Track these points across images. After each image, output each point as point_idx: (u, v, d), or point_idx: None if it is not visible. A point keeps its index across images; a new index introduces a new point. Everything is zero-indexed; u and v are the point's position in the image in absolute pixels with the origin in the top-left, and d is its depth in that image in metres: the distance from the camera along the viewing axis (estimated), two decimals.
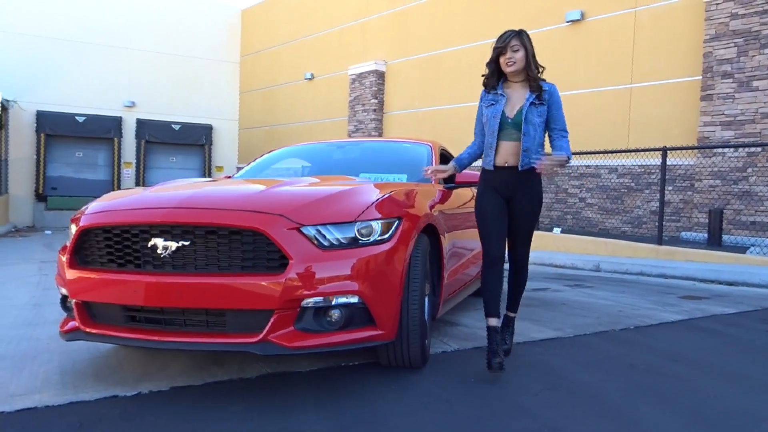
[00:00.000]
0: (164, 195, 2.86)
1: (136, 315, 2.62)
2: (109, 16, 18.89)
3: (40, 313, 4.51)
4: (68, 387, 2.69)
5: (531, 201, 3.14)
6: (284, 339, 2.46)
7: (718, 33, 8.98)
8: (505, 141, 3.08)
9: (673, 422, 2.40)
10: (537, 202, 3.18)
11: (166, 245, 2.53)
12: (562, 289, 6.04)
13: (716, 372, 3.14)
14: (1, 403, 2.47)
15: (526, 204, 3.13)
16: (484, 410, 2.51)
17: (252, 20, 20.64)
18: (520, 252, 3.25)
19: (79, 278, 2.69)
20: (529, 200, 3.13)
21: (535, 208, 3.18)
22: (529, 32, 3.19)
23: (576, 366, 3.20)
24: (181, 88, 20.01)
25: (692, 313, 4.75)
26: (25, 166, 18.05)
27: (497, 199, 3.12)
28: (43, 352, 3.31)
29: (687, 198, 9.40)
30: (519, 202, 3.12)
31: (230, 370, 2.97)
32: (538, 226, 3.14)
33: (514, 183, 3.09)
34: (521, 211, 3.13)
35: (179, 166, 20.69)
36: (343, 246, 2.59)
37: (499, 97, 3.12)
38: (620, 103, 10.38)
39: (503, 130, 3.08)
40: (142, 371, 2.94)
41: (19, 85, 17.58)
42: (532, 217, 3.19)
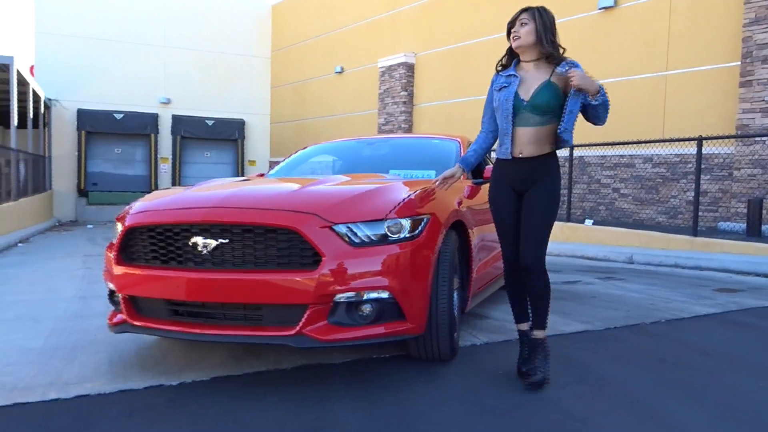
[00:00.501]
0: (203, 195, 3.00)
1: (179, 309, 2.77)
2: (145, 15, 19.36)
3: (87, 306, 4.74)
4: (117, 376, 2.86)
5: (544, 197, 2.82)
6: (318, 332, 2.57)
7: (758, 17, 8.73)
8: (520, 127, 2.80)
9: (702, 417, 2.43)
10: (551, 199, 2.84)
11: (206, 243, 2.66)
12: (593, 282, 6.02)
13: (748, 367, 3.13)
14: (58, 391, 2.66)
15: (538, 200, 2.81)
16: (511, 402, 2.58)
17: (282, 15, 20.85)
18: (530, 255, 2.82)
19: (126, 274, 2.85)
20: (542, 196, 2.81)
21: (548, 206, 2.83)
22: (560, 20, 3.05)
23: (604, 359, 3.24)
24: (214, 84, 20.40)
25: (726, 306, 4.70)
26: (67, 163, 18.72)
27: (511, 196, 2.88)
28: (92, 343, 3.51)
29: (725, 187, 9.19)
30: (532, 198, 2.82)
31: (267, 361, 3.11)
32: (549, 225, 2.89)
33: (529, 176, 2.82)
34: (532, 209, 2.82)
35: (213, 161, 21.13)
36: (373, 243, 2.69)
37: (512, 78, 2.85)
38: (655, 91, 10.18)
39: (518, 114, 2.81)
40: (184, 362, 3.10)
41: (61, 84, 18.21)
42: (544, 216, 2.83)
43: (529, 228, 2.83)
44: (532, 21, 2.79)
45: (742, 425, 2.36)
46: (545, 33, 2.79)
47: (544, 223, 2.83)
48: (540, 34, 2.78)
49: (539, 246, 2.83)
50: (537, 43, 2.80)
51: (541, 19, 2.80)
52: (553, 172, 2.86)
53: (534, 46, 2.81)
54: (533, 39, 2.79)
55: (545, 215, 2.83)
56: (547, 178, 2.83)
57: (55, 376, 2.86)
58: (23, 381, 2.79)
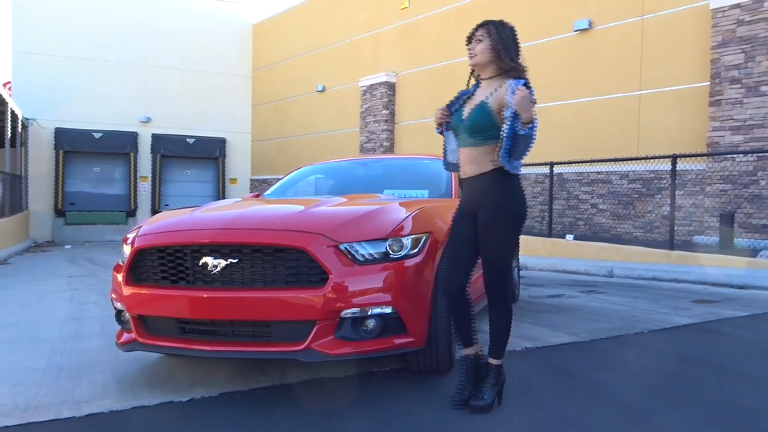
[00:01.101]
0: (212, 216, 3.11)
1: (189, 327, 2.87)
2: (125, 34, 19.36)
3: (82, 327, 4.77)
4: (127, 394, 2.94)
5: (494, 216, 2.63)
6: (326, 347, 2.69)
7: (725, 39, 9.15)
8: (462, 147, 2.73)
9: (685, 419, 2.60)
10: (503, 216, 2.63)
11: (215, 263, 2.77)
12: (576, 295, 6.22)
13: (726, 373, 3.33)
14: (71, 409, 2.73)
15: (490, 227, 2.64)
16: (508, 410, 2.72)
17: (264, 34, 21.04)
18: (487, 281, 2.69)
19: (135, 294, 2.94)
20: (493, 221, 2.63)
21: (500, 225, 2.62)
22: (538, 41, 3.07)
23: (593, 369, 3.40)
24: (195, 103, 20.43)
25: (704, 316, 4.92)
26: (45, 183, 18.50)
27: (463, 218, 2.75)
28: (95, 362, 3.56)
29: (698, 202, 9.54)
30: (483, 223, 2.66)
31: (272, 376, 3.21)
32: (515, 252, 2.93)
33: (476, 196, 2.68)
34: (487, 236, 2.65)
35: (194, 179, 21.08)
36: (376, 261, 2.82)
37: (465, 96, 2.78)
38: (630, 109, 10.55)
39: (459, 134, 2.75)
40: (192, 379, 3.19)
41: (38, 103, 18.06)
42: (498, 244, 2.63)
43: (485, 258, 2.69)
44: (488, 37, 2.68)
45: (721, 426, 2.54)
46: (504, 49, 2.66)
47: (501, 251, 2.66)
48: (497, 51, 2.66)
49: (499, 276, 2.68)
50: (495, 60, 2.69)
51: (498, 35, 2.68)
52: (500, 190, 2.65)
53: (492, 63, 2.70)
54: (489, 56, 2.68)
55: (500, 243, 2.65)
56: (494, 198, 2.64)
57: (66, 395, 2.92)
58: (35, 400, 2.85)
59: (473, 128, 2.68)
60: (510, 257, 2.73)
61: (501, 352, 2.75)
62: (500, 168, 2.63)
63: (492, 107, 2.65)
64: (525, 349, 3.81)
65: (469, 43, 2.75)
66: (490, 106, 2.65)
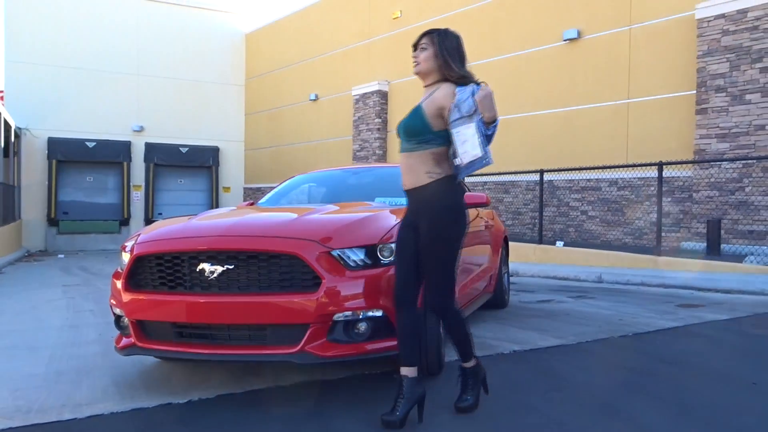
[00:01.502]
0: (208, 224, 3.22)
1: (186, 331, 2.96)
2: (118, 43, 19.44)
3: (78, 334, 4.84)
4: (126, 397, 3.02)
5: (431, 232, 2.59)
6: (319, 349, 2.79)
7: (710, 49, 9.35)
8: (400, 153, 2.72)
9: (662, 416, 2.72)
10: (441, 233, 2.57)
11: (212, 269, 2.88)
12: (565, 301, 6.35)
13: (705, 373, 3.46)
14: (72, 412, 2.81)
15: (428, 240, 2.60)
16: (496, 409, 2.83)
17: (256, 43, 21.19)
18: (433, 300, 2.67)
19: (134, 300, 3.04)
20: (430, 235, 2.59)
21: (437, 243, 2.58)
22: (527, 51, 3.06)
23: (578, 370, 3.52)
24: (188, 112, 20.50)
25: (687, 320, 5.06)
26: (38, 192, 18.49)
27: (406, 229, 2.71)
28: (94, 368, 3.64)
29: (686, 209, 9.71)
30: (422, 236, 2.63)
31: (267, 379, 3.30)
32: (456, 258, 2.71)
33: (415, 208, 2.68)
34: (426, 250, 2.62)
35: (187, 188, 21.13)
36: (367, 266, 2.93)
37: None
38: (618, 117, 10.74)
39: (401, 142, 2.73)
40: (188, 382, 3.28)
41: (31, 112, 18.09)
42: (433, 253, 2.60)
43: (427, 271, 2.65)
44: (432, 46, 2.69)
45: (697, 422, 2.66)
46: (448, 57, 2.66)
47: (440, 268, 2.62)
48: (441, 59, 2.66)
49: (441, 289, 2.64)
50: (438, 69, 2.69)
51: (442, 43, 2.68)
52: (438, 204, 2.60)
53: (435, 71, 2.70)
54: (432, 65, 2.69)
55: (439, 260, 2.61)
56: (432, 214, 2.60)
57: (66, 399, 3.01)
58: (36, 404, 2.94)
59: (406, 131, 2.69)
60: (450, 271, 2.65)
61: (469, 355, 2.77)
62: (437, 181, 2.60)
63: (426, 111, 2.65)
64: (513, 351, 3.92)
65: (414, 51, 2.76)
66: (423, 109, 2.66)
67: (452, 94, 2.61)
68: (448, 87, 2.66)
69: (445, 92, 2.64)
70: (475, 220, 4.76)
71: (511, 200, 12.40)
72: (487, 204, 4.48)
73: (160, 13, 20.07)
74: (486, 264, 5.03)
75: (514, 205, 12.33)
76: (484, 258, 5.00)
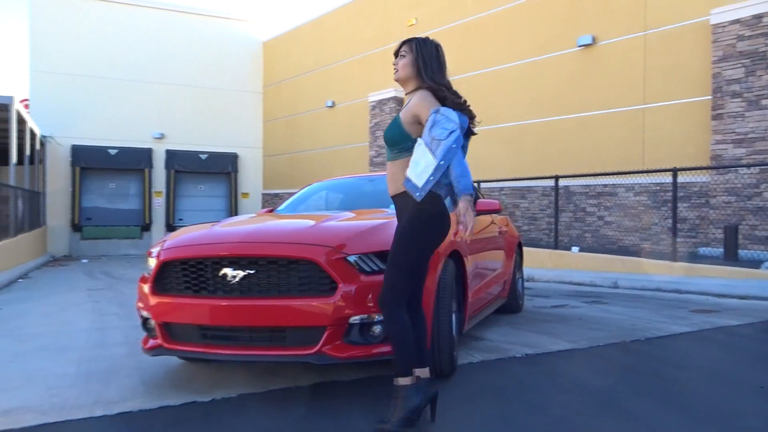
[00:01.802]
0: (230, 230, 3.37)
1: (209, 333, 3.11)
2: (139, 53, 19.87)
3: (105, 336, 5.03)
4: (153, 395, 3.18)
5: (396, 237, 2.69)
6: (336, 350, 2.92)
7: (725, 54, 9.34)
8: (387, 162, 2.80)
9: (670, 418, 2.80)
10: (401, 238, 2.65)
11: (234, 274, 3.02)
12: (579, 306, 6.40)
13: (716, 377, 3.52)
14: (104, 408, 2.97)
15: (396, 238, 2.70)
16: (506, 409, 2.93)
17: (273, 51, 21.51)
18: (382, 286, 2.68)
19: (160, 303, 3.20)
20: (396, 236, 2.70)
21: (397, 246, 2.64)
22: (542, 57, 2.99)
23: (588, 373, 3.60)
24: (208, 119, 20.85)
25: (701, 325, 5.09)
26: (62, 198, 18.93)
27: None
28: (121, 368, 3.81)
29: (703, 214, 9.68)
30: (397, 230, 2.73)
31: (285, 379, 3.44)
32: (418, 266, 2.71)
33: (398, 211, 2.76)
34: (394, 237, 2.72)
35: (207, 194, 21.46)
36: (381, 271, 3.05)
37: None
38: (634, 123, 10.75)
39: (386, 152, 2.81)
40: (211, 382, 3.43)
41: (56, 121, 18.55)
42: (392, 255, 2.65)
43: (387, 265, 2.70)
44: (410, 53, 2.75)
45: (703, 423, 2.73)
46: (424, 65, 2.71)
47: (392, 264, 2.65)
48: (418, 66, 2.72)
49: (389, 286, 2.64)
50: (415, 76, 2.74)
51: (419, 51, 2.74)
52: (413, 212, 2.63)
53: (413, 78, 2.76)
54: (409, 71, 2.74)
55: (393, 255, 2.66)
56: (407, 220, 2.66)
57: (97, 397, 3.17)
58: (69, 401, 3.11)
59: (387, 141, 2.77)
60: (405, 275, 2.63)
61: (401, 369, 2.60)
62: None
63: (402, 119, 2.71)
64: (525, 355, 4.01)
65: (395, 58, 2.83)
66: (400, 117, 2.72)
67: (430, 103, 2.63)
68: (422, 93, 2.70)
69: (419, 99, 2.68)
70: (489, 226, 4.87)
71: (527, 206, 12.44)
72: (499, 210, 4.60)
73: (180, 23, 20.48)
74: (500, 269, 5.12)
75: (530, 211, 12.37)
76: (498, 263, 5.10)
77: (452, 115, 2.59)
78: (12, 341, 4.86)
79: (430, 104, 2.64)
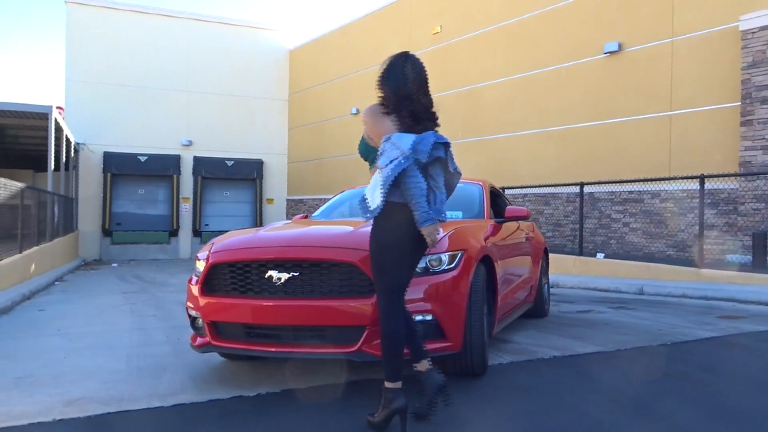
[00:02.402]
0: (275, 235, 3.58)
1: (255, 331, 3.31)
2: (170, 62, 20.40)
3: (148, 336, 5.28)
4: (202, 389, 3.39)
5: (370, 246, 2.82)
6: (375, 349, 3.09)
7: (755, 60, 9.32)
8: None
9: (695, 417, 2.91)
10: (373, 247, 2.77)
11: (279, 276, 3.22)
12: (605, 311, 6.48)
13: (740, 380, 3.60)
14: (159, 401, 3.20)
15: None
16: (535, 406, 3.07)
17: (299, 59, 21.87)
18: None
19: (209, 303, 3.41)
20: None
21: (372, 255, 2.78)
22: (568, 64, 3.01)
23: (616, 374, 3.71)
24: (234, 126, 21.27)
25: (727, 330, 5.15)
26: (93, 204, 19.47)
27: None
28: (169, 365, 4.04)
29: (731, 221, 9.63)
30: None
31: (325, 376, 3.63)
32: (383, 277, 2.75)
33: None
34: None
35: (232, 200, 21.85)
36: (418, 275, 3.22)
37: None
38: (661, 130, 10.75)
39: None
40: (255, 379, 3.63)
41: (88, 128, 19.12)
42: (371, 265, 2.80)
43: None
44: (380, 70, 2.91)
45: (728, 423, 2.84)
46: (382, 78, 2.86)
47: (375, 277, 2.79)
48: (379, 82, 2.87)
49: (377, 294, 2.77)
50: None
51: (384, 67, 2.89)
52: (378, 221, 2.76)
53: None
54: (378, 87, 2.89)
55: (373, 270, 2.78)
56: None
57: (151, 390, 3.39)
58: (126, 394, 3.33)
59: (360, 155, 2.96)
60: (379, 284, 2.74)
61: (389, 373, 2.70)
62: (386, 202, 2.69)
63: (365, 135, 2.88)
64: (553, 357, 4.14)
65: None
66: (363, 134, 2.89)
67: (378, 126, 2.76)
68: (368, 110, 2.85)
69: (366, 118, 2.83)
70: (515, 232, 5.00)
71: (552, 212, 12.49)
72: (527, 217, 4.74)
73: (209, 32, 20.97)
74: (527, 274, 5.25)
75: (555, 217, 12.42)
76: (525, 269, 5.22)
77: (402, 142, 2.67)
78: (62, 340, 5.13)
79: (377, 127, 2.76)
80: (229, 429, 2.80)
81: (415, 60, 2.89)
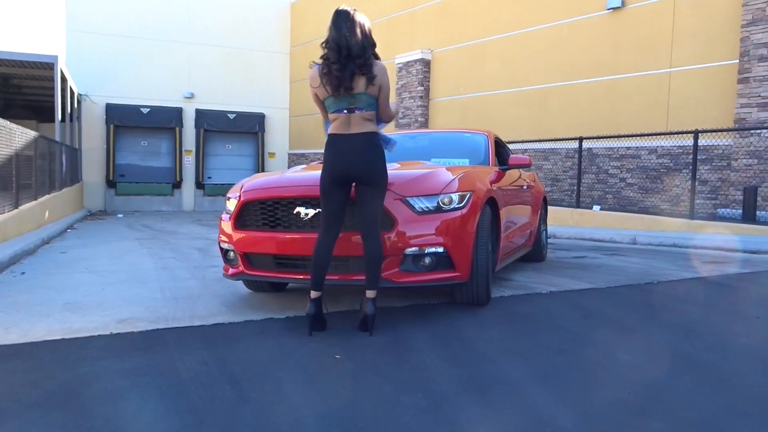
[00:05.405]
0: (301, 176, 3.92)
1: (283, 261, 3.68)
2: (171, 13, 20.24)
3: (173, 274, 5.67)
4: (237, 313, 3.80)
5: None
6: (393, 276, 3.48)
7: (755, 18, 9.48)
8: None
9: (672, 336, 3.34)
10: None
11: (306, 212, 3.58)
12: (599, 257, 6.90)
13: (715, 310, 4.03)
14: (200, 320, 3.61)
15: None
16: (534, 328, 3.48)
17: (301, 12, 21.70)
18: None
19: (242, 237, 3.78)
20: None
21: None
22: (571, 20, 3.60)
23: (605, 306, 4.13)
24: (236, 79, 21.26)
25: (710, 273, 5.58)
26: (97, 155, 19.67)
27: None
28: (200, 295, 4.44)
29: (724, 176, 9.98)
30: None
31: (344, 304, 4.03)
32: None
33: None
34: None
35: (235, 153, 22.04)
36: (431, 212, 3.58)
37: None
38: (660, 86, 10.97)
39: None
40: (282, 305, 4.04)
41: (91, 80, 19.14)
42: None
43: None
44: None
45: (700, 341, 3.26)
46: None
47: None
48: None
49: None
50: None
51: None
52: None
53: None
54: None
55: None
56: None
57: (191, 312, 3.80)
58: (170, 315, 3.74)
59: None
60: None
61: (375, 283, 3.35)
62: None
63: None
64: (549, 292, 4.55)
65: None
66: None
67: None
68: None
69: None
70: (517, 180, 5.35)
71: (551, 167, 12.81)
72: (529, 165, 5.08)
73: None
74: (527, 220, 5.62)
75: (553, 172, 12.74)
76: (526, 215, 5.60)
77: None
78: (95, 276, 5.52)
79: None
80: (266, 342, 3.20)
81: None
